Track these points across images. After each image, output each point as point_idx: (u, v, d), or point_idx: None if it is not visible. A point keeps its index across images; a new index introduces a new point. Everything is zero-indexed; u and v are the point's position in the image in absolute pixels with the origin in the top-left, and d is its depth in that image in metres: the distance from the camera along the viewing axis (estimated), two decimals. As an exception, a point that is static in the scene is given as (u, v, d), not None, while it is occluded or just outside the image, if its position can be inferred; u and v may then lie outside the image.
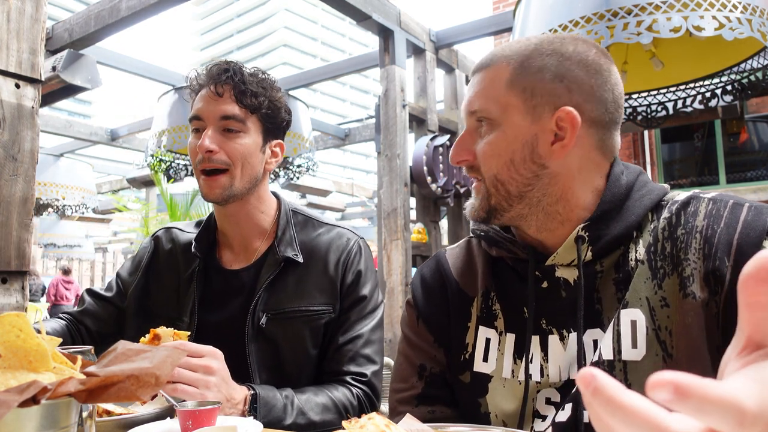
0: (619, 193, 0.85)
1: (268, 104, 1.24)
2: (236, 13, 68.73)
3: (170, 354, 0.62)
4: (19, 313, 0.54)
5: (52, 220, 8.29)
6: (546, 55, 0.84)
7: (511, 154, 0.84)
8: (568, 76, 0.83)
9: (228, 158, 1.20)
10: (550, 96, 0.83)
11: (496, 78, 0.85)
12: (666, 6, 1.84)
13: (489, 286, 0.95)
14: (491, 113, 0.85)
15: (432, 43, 4.20)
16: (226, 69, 1.22)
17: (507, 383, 0.88)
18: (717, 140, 6.56)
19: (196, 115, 1.23)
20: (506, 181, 0.85)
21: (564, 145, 0.83)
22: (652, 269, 0.80)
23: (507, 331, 0.90)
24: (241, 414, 1.06)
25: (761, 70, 2.24)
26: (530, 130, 0.83)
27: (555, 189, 0.85)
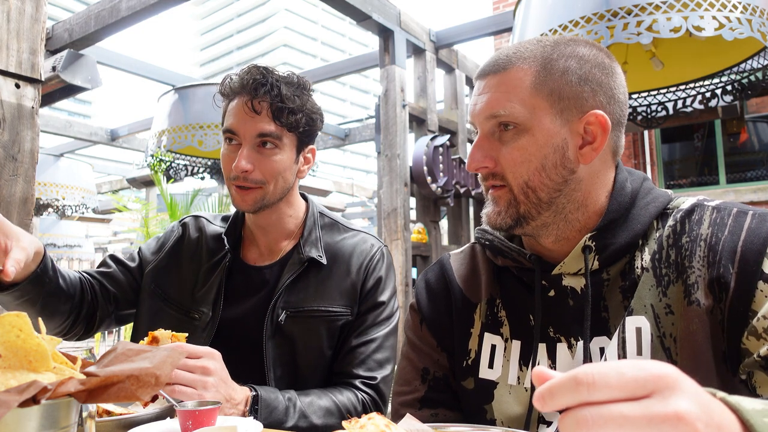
0: (624, 202, 0.85)
1: (305, 121, 1.22)
2: (236, 13, 68.70)
3: (170, 354, 0.62)
4: (19, 313, 0.54)
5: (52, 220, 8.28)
6: (566, 58, 0.83)
7: (542, 159, 0.82)
8: (591, 79, 0.83)
9: (263, 176, 1.20)
10: (576, 99, 0.82)
11: (519, 80, 0.83)
12: (666, 6, 1.84)
13: (494, 293, 0.95)
14: (519, 117, 0.82)
15: (432, 43, 4.20)
16: (263, 83, 1.18)
17: (513, 390, 0.88)
18: (717, 140, 6.56)
19: (231, 129, 1.20)
20: (537, 188, 0.83)
21: (595, 148, 0.83)
22: (656, 277, 0.81)
23: (512, 338, 0.90)
24: (241, 414, 1.06)
25: (761, 70, 2.24)
26: (560, 133, 0.82)
27: (578, 195, 0.85)
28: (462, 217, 4.46)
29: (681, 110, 2.56)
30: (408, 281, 3.60)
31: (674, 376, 0.40)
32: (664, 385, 0.40)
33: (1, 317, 0.54)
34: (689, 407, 0.39)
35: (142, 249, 1.40)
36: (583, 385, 0.40)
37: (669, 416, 0.38)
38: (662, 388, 0.39)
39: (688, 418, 0.38)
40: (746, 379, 0.74)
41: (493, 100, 0.84)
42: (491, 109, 0.84)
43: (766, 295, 0.72)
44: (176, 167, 4.04)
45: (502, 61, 0.85)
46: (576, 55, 0.84)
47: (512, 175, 0.84)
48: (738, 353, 0.74)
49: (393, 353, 1.30)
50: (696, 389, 0.41)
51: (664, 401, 0.39)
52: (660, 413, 0.38)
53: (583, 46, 0.85)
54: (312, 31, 65.64)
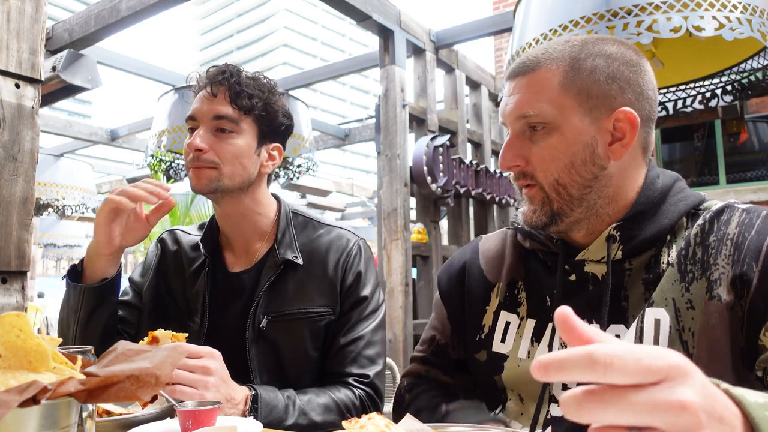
0: (653, 196, 0.87)
1: (263, 106, 1.24)
2: (236, 13, 68.70)
3: (170, 354, 0.62)
4: (19, 313, 0.54)
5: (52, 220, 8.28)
6: (594, 56, 0.85)
7: (571, 157, 0.84)
8: (619, 77, 0.85)
9: (217, 157, 1.20)
10: (605, 97, 0.84)
11: (547, 81, 0.85)
12: (666, 6, 1.84)
13: (516, 276, 0.99)
14: (548, 116, 0.84)
15: (432, 43, 4.20)
16: (224, 71, 1.23)
17: (522, 363, 0.92)
18: (717, 140, 6.55)
19: (190, 115, 1.23)
20: (568, 185, 0.85)
21: (624, 144, 0.85)
22: (681, 272, 0.82)
23: (528, 317, 0.94)
24: (241, 414, 1.06)
25: (761, 70, 2.24)
26: (589, 131, 0.84)
27: (608, 191, 0.87)
28: (462, 217, 4.46)
29: (681, 110, 2.56)
30: (408, 281, 3.59)
31: (686, 366, 0.41)
32: (675, 374, 0.40)
33: (1, 317, 0.54)
34: (694, 397, 0.39)
35: (132, 277, 1.43)
36: (599, 366, 0.39)
37: (673, 404, 0.39)
38: (672, 377, 0.40)
39: (692, 407, 0.39)
40: (762, 376, 0.75)
41: (522, 101, 0.86)
42: (520, 109, 0.86)
43: None
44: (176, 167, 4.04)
45: (531, 62, 0.88)
46: (604, 54, 0.86)
47: (542, 173, 0.86)
48: (755, 349, 0.75)
49: (383, 347, 1.31)
50: (703, 381, 0.42)
51: (669, 390, 0.39)
52: (664, 401, 0.39)
53: (611, 44, 0.87)
54: (312, 31, 65.62)
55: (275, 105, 1.27)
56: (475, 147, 4.78)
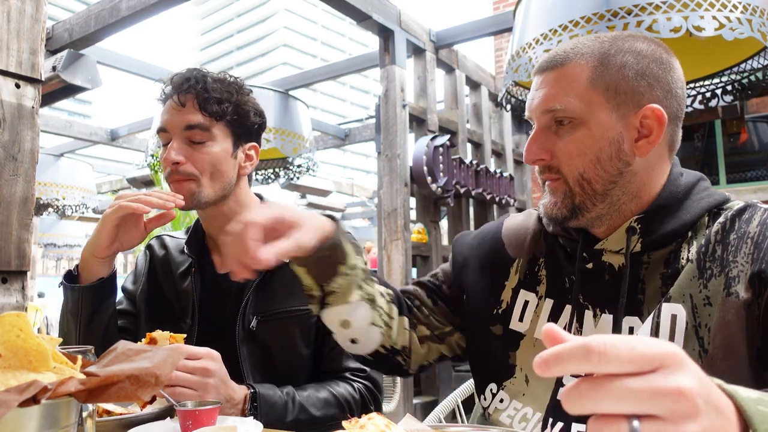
0: (676, 192, 0.87)
1: (233, 109, 1.22)
2: (236, 13, 68.70)
3: (170, 354, 0.62)
4: (19, 313, 0.54)
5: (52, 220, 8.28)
6: (624, 53, 0.85)
7: (597, 152, 0.84)
8: (648, 74, 0.85)
9: (195, 169, 1.19)
10: (633, 93, 0.84)
11: (576, 76, 0.85)
12: (666, 6, 1.84)
13: (537, 253, 1.00)
14: (575, 111, 0.84)
15: (432, 43, 4.20)
16: (188, 78, 1.20)
17: (537, 343, 0.94)
18: (717, 140, 6.55)
19: (161, 127, 1.22)
20: (592, 179, 0.85)
21: (651, 141, 0.85)
22: (700, 269, 0.82)
23: (547, 296, 0.95)
24: (241, 413, 1.06)
25: (761, 70, 2.24)
26: (616, 127, 0.84)
27: (632, 187, 0.87)
28: (462, 217, 4.46)
29: (681, 110, 2.56)
30: (408, 281, 3.59)
31: (680, 355, 0.42)
32: (670, 362, 0.41)
33: (1, 317, 0.54)
34: (691, 384, 0.40)
35: (125, 286, 1.43)
36: (594, 354, 0.40)
37: (671, 391, 0.39)
38: (668, 365, 0.41)
39: (689, 393, 0.40)
40: None
41: (549, 95, 0.87)
42: (548, 103, 0.86)
43: None
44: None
45: (560, 57, 0.88)
46: (633, 51, 0.86)
47: (567, 167, 0.86)
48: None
49: None
50: (698, 370, 0.42)
51: (667, 376, 0.40)
52: (662, 387, 0.39)
53: (641, 41, 0.87)
54: (312, 31, 65.62)
55: (246, 105, 1.25)
56: (475, 147, 4.78)
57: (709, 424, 0.40)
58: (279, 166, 4.29)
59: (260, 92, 3.61)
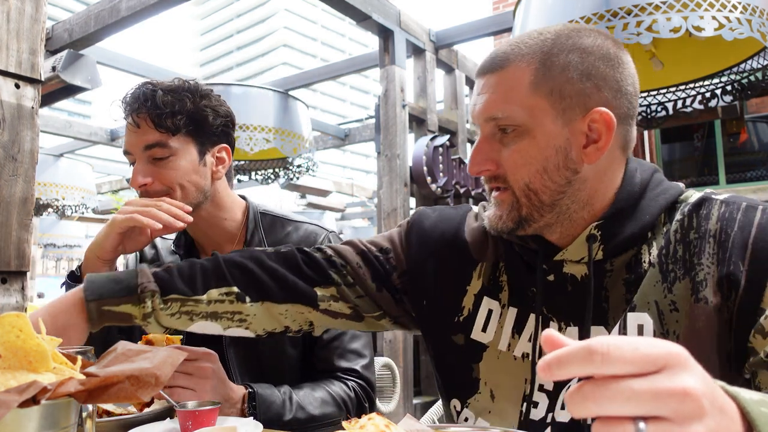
0: (633, 192, 0.83)
1: (189, 119, 1.20)
2: (236, 13, 68.67)
3: (170, 354, 0.62)
4: (19, 313, 0.54)
5: (52, 220, 8.28)
6: (567, 52, 0.79)
7: (543, 162, 0.79)
8: (594, 73, 0.79)
9: (164, 185, 1.19)
10: (579, 96, 0.78)
11: (517, 80, 0.79)
12: (666, 6, 1.84)
13: (499, 257, 0.94)
14: (518, 119, 0.79)
15: (432, 43, 4.20)
16: (138, 96, 1.19)
17: (501, 355, 0.89)
18: (717, 140, 6.55)
19: (125, 149, 1.22)
20: (539, 190, 0.80)
21: (599, 147, 0.79)
22: (662, 272, 0.79)
23: (510, 305, 0.90)
24: (240, 413, 1.06)
25: (761, 70, 2.24)
26: (562, 134, 0.79)
27: (583, 194, 0.82)
28: (462, 217, 4.46)
29: (681, 110, 2.56)
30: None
31: (685, 355, 0.41)
32: (675, 362, 0.40)
33: (1, 317, 0.54)
34: (696, 384, 0.40)
35: None
36: (597, 355, 0.39)
37: (676, 391, 0.39)
38: (672, 365, 0.40)
39: (695, 394, 0.39)
40: (750, 379, 0.73)
41: (490, 102, 0.81)
42: (489, 111, 0.81)
43: None
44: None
45: (500, 59, 0.82)
46: (578, 48, 0.79)
47: (513, 177, 0.81)
48: (744, 352, 0.73)
49: (368, 338, 1.31)
50: (702, 371, 0.42)
51: (672, 377, 0.39)
52: (667, 388, 0.39)
53: (586, 36, 0.81)
54: (312, 32, 65.61)
55: (204, 110, 1.23)
56: (475, 147, 4.76)
57: (714, 424, 0.40)
58: (279, 166, 4.28)
59: (260, 92, 3.61)
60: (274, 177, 4.33)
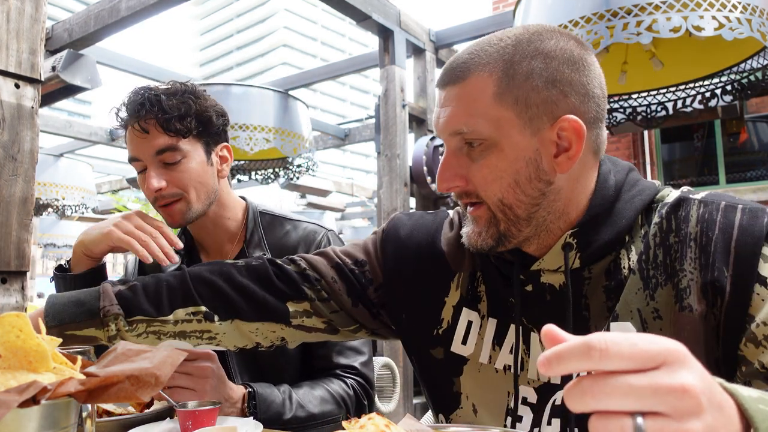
0: (608, 195, 0.80)
1: (196, 121, 1.21)
2: (236, 13, 68.68)
3: (170, 354, 0.62)
4: (19, 313, 0.54)
5: (52, 220, 8.28)
6: (530, 58, 0.75)
7: (515, 175, 0.76)
8: (559, 79, 0.75)
9: (178, 189, 1.20)
10: (545, 104, 0.75)
11: (479, 91, 0.76)
12: (666, 6, 1.84)
13: (476, 266, 0.91)
14: (483, 132, 0.75)
15: (432, 43, 4.20)
16: (143, 103, 1.19)
17: (483, 368, 0.87)
18: (717, 140, 6.56)
19: (132, 156, 1.22)
20: (513, 205, 0.78)
21: (571, 156, 0.76)
22: (643, 279, 0.77)
23: (489, 316, 0.88)
24: (240, 412, 1.06)
25: (761, 70, 2.24)
26: (531, 145, 0.76)
27: (558, 205, 0.79)
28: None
29: (681, 110, 2.56)
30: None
31: (683, 352, 0.41)
32: (674, 359, 0.40)
33: (1, 317, 0.54)
34: (695, 381, 0.40)
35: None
36: (595, 351, 0.39)
37: (675, 388, 0.39)
38: (671, 362, 0.40)
39: (693, 391, 0.39)
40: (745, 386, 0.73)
41: (454, 116, 0.77)
42: (453, 125, 0.78)
43: (763, 298, 0.69)
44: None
45: (460, 69, 0.78)
46: (541, 54, 0.76)
47: (485, 193, 0.78)
48: (733, 358, 0.72)
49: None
50: (701, 368, 0.42)
51: (670, 373, 0.40)
52: (666, 384, 0.39)
53: (548, 39, 0.77)
54: (312, 31, 65.61)
55: (207, 111, 1.24)
56: (474, 147, 4.77)
57: (712, 421, 0.40)
58: (279, 166, 4.28)
59: (260, 92, 3.61)
60: (274, 177, 4.33)
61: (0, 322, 0.54)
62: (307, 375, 1.27)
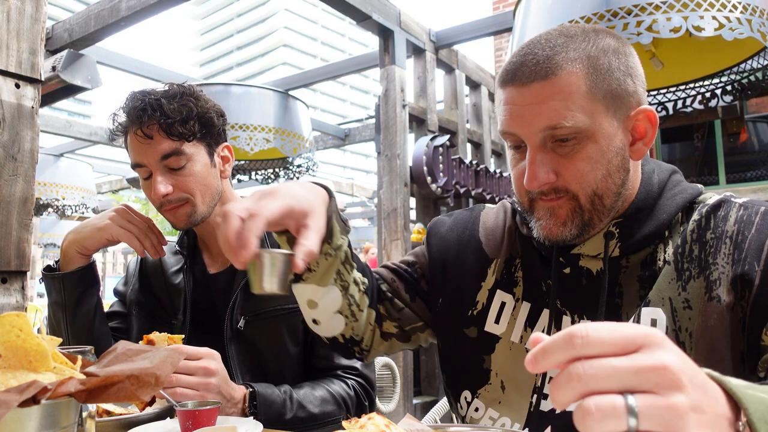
0: (652, 191, 0.85)
1: (198, 124, 1.21)
2: (236, 13, 68.69)
3: (170, 354, 0.62)
4: (19, 313, 0.54)
5: (52, 220, 8.28)
6: (606, 52, 0.79)
7: (607, 165, 0.79)
8: (632, 72, 0.80)
9: (185, 193, 1.20)
10: (626, 95, 0.79)
11: (573, 85, 0.77)
12: (666, 6, 1.84)
13: (514, 253, 0.96)
14: (582, 126, 0.76)
15: (432, 43, 4.20)
16: (144, 108, 1.18)
17: (514, 347, 0.91)
18: (717, 140, 6.56)
19: (137, 163, 1.21)
20: (604, 195, 0.80)
21: (646, 143, 0.81)
22: (677, 270, 0.80)
23: (524, 299, 0.92)
24: (241, 412, 1.06)
25: (761, 70, 2.24)
26: (618, 134, 0.79)
27: (627, 193, 0.83)
28: (462, 217, 4.45)
29: (681, 110, 2.56)
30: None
31: (661, 336, 0.43)
32: (651, 341, 0.42)
33: (1, 317, 0.54)
34: (674, 359, 0.41)
35: (117, 288, 1.45)
36: (577, 338, 0.42)
37: (656, 366, 0.41)
38: (649, 343, 0.42)
39: (674, 368, 0.41)
40: (764, 377, 0.73)
41: (551, 111, 0.77)
42: (551, 120, 0.77)
43: None
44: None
45: (547, 64, 0.78)
46: (611, 48, 0.79)
47: (579, 186, 0.79)
48: (757, 351, 0.74)
49: None
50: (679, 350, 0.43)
51: (651, 354, 0.41)
52: (647, 364, 0.41)
53: (605, 35, 0.81)
54: (312, 31, 65.62)
55: (208, 113, 1.24)
56: (475, 147, 4.78)
57: (697, 398, 0.41)
58: (279, 166, 4.28)
59: (260, 92, 3.61)
60: (274, 177, 4.33)
61: (0, 322, 0.54)
62: (309, 375, 1.27)
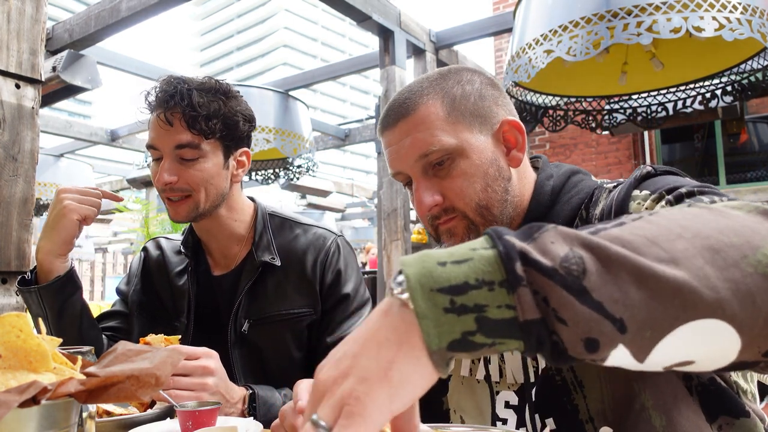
0: (543, 201, 0.88)
1: (222, 124, 1.19)
2: (236, 13, 68.71)
3: (170, 355, 0.62)
4: (19, 313, 0.54)
5: (52, 220, 8.28)
6: (458, 84, 0.88)
7: (484, 176, 0.85)
8: (487, 95, 0.88)
9: (188, 185, 1.19)
10: (486, 112, 0.87)
11: (433, 115, 0.85)
12: (666, 7, 1.85)
13: None
14: (450, 145, 0.83)
15: (432, 44, 4.20)
16: (173, 94, 1.16)
17: (465, 381, 0.91)
18: (717, 141, 6.56)
19: (150, 144, 1.20)
20: (489, 204, 0.85)
21: (520, 149, 0.87)
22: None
23: None
24: (240, 413, 1.06)
25: (761, 70, 2.24)
26: (488, 146, 0.86)
27: (516, 200, 0.88)
28: (462, 218, 4.46)
29: (681, 111, 2.56)
30: (408, 282, 3.59)
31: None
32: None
33: (1, 317, 0.54)
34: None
35: (118, 287, 1.44)
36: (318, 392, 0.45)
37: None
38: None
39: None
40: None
41: (418, 141, 0.85)
42: (420, 149, 0.85)
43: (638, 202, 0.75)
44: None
45: (406, 105, 0.87)
46: (465, 80, 0.88)
47: (462, 201, 0.85)
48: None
49: None
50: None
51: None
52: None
53: (464, 72, 0.90)
54: (312, 32, 65.64)
55: (235, 115, 1.22)
56: (475, 147, 4.77)
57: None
58: (279, 167, 4.29)
59: (260, 92, 3.62)
60: (274, 177, 4.33)
61: (0, 322, 0.54)
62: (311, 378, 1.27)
